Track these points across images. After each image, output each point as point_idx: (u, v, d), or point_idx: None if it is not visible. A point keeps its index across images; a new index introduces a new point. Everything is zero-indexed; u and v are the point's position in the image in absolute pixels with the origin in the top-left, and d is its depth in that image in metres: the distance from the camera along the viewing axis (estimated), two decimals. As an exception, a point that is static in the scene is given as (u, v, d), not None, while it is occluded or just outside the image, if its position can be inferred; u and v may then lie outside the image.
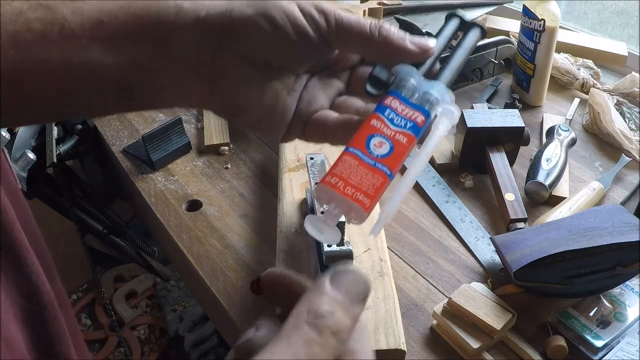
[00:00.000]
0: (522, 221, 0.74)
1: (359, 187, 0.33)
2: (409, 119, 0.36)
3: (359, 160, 0.34)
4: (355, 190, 0.34)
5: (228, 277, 0.70)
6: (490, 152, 0.82)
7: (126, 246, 1.14)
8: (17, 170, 0.89)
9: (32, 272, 0.35)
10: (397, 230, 0.76)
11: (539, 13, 0.92)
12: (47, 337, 0.36)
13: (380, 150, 0.35)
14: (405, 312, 0.64)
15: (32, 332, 0.35)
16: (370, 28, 0.37)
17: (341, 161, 0.34)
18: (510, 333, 0.61)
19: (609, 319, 0.61)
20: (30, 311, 0.35)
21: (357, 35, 0.37)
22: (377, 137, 0.35)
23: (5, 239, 0.33)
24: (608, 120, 0.90)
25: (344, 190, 0.34)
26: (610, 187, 0.80)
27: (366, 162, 0.34)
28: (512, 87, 1.05)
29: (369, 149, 0.35)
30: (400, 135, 0.35)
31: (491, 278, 0.69)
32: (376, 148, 0.35)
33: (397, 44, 0.38)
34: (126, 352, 1.47)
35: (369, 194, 0.34)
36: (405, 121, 0.36)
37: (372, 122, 0.36)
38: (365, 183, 0.34)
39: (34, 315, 0.35)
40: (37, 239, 0.39)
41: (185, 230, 0.77)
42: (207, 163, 0.90)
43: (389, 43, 0.37)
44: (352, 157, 0.34)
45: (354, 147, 0.35)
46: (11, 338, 0.31)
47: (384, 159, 0.34)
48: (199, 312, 1.54)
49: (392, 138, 0.35)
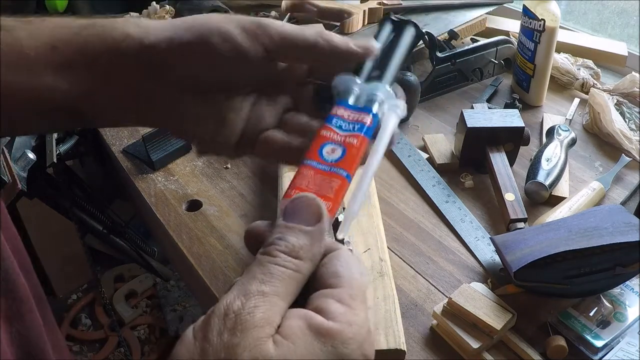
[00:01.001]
0: (522, 221, 0.74)
1: (318, 193, 0.35)
2: (356, 122, 0.38)
3: (314, 170, 0.36)
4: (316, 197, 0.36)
5: (228, 277, 0.70)
6: (490, 152, 0.82)
7: (126, 246, 1.14)
8: (17, 170, 0.89)
9: (8, 267, 0.36)
10: (397, 230, 0.76)
11: (539, 13, 0.92)
12: (23, 331, 0.36)
13: (333, 155, 0.36)
14: (405, 312, 0.64)
15: (10, 328, 0.35)
16: (314, 36, 0.38)
17: (299, 174, 0.36)
18: (510, 333, 0.61)
19: (609, 319, 0.61)
20: (7, 307, 0.35)
21: (301, 46, 0.38)
22: (328, 144, 0.37)
23: None
24: (608, 120, 0.90)
25: None
26: (610, 187, 0.80)
27: (321, 169, 0.36)
28: (512, 87, 1.05)
29: (322, 157, 0.36)
30: (350, 138, 0.37)
31: (491, 278, 0.69)
32: (329, 154, 0.36)
33: (341, 48, 0.38)
34: (126, 352, 1.47)
35: (329, 197, 0.35)
36: (353, 124, 0.37)
37: (322, 132, 0.37)
38: (324, 188, 0.35)
39: (11, 311, 0.36)
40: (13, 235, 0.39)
41: (185, 230, 0.77)
42: (207, 163, 0.90)
43: (334, 48, 0.38)
44: (308, 168, 0.36)
45: (308, 158, 0.36)
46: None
47: (337, 162, 0.36)
48: (199, 312, 1.54)
49: (343, 142, 0.37)
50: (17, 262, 0.37)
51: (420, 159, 0.87)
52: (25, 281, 0.37)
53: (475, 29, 1.14)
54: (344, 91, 0.39)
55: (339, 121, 0.38)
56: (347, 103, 0.38)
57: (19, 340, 0.36)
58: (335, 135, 0.37)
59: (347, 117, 0.38)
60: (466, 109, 0.86)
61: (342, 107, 0.38)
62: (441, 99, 1.03)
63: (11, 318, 0.35)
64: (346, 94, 0.39)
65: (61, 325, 1.61)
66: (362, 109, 0.38)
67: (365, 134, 0.37)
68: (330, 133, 0.37)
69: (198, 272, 0.71)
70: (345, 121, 0.37)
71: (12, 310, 0.36)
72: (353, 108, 0.38)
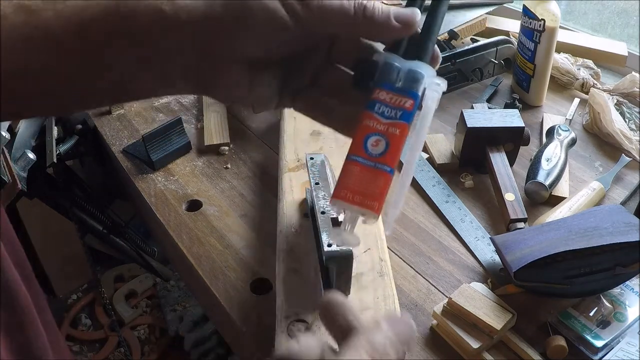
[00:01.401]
0: (522, 221, 0.74)
1: (365, 192, 0.36)
2: (399, 107, 0.37)
3: (360, 167, 0.37)
4: (363, 197, 0.37)
5: (228, 277, 0.70)
6: (490, 152, 0.82)
7: (126, 246, 1.14)
8: (17, 170, 0.89)
9: (8, 279, 0.35)
10: (397, 230, 0.76)
11: (539, 13, 0.92)
12: (25, 343, 0.36)
13: (377, 148, 0.37)
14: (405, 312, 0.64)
15: (11, 340, 0.35)
16: (354, 10, 0.37)
17: (345, 172, 0.37)
18: (510, 333, 0.61)
19: (609, 319, 0.61)
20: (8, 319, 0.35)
21: (341, 20, 0.37)
22: (372, 136, 0.37)
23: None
24: (608, 120, 0.90)
25: (352, 199, 0.37)
26: (610, 187, 0.80)
27: (367, 165, 0.37)
28: (512, 87, 1.05)
29: (367, 151, 0.37)
30: (392, 127, 0.37)
31: (491, 278, 0.69)
32: (373, 148, 0.37)
33: (381, 23, 0.37)
34: (126, 352, 1.47)
35: (375, 196, 0.36)
36: (396, 110, 0.37)
37: (365, 122, 0.37)
38: (371, 188, 0.37)
39: (12, 323, 0.35)
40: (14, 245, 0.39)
41: (185, 230, 0.77)
42: (207, 163, 0.90)
43: (374, 23, 0.37)
44: (354, 165, 0.37)
45: (354, 154, 0.37)
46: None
47: (382, 157, 0.37)
48: (199, 312, 1.54)
49: (386, 132, 0.37)
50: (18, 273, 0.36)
51: (420, 158, 0.87)
52: (27, 290, 0.37)
53: (475, 29, 1.14)
54: (386, 71, 0.38)
55: (381, 107, 0.37)
56: (388, 84, 0.38)
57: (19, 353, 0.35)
58: (378, 125, 0.37)
59: (390, 100, 0.37)
60: (466, 109, 0.86)
61: (384, 91, 0.37)
62: (441, 99, 1.03)
63: (12, 331, 0.35)
64: (388, 73, 0.38)
65: (61, 325, 1.61)
66: (405, 91, 0.37)
67: (407, 121, 0.37)
68: (373, 122, 0.37)
69: (198, 272, 0.71)
70: (388, 106, 0.37)
71: (12, 323, 0.35)
72: (395, 90, 0.37)
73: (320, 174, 0.65)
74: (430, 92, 0.38)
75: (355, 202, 0.37)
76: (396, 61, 0.38)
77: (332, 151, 0.81)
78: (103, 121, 1.00)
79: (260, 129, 0.97)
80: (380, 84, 0.38)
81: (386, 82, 0.38)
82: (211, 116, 0.97)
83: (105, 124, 1.00)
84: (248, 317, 0.65)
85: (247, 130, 0.97)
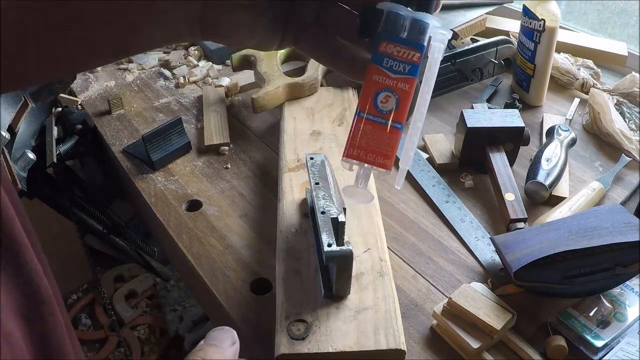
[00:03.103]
0: (522, 221, 0.74)
1: (377, 150, 0.37)
2: (407, 61, 0.37)
3: (372, 125, 0.37)
4: (376, 155, 0.37)
5: (228, 277, 0.70)
6: (490, 152, 0.82)
7: (126, 246, 1.14)
8: (17, 170, 0.89)
9: (32, 269, 0.35)
10: (397, 230, 0.76)
11: (539, 13, 0.92)
12: (45, 333, 0.36)
13: (387, 105, 0.37)
14: (405, 312, 0.64)
15: (31, 329, 0.35)
16: None
17: (356, 129, 0.37)
18: (510, 333, 0.61)
19: (609, 319, 0.61)
20: (29, 308, 0.35)
21: None
22: (382, 92, 0.37)
23: (6, 238, 0.33)
24: (608, 120, 0.90)
25: (365, 158, 0.37)
26: (610, 187, 0.80)
27: (379, 123, 0.37)
28: (512, 87, 1.05)
29: (377, 108, 0.37)
30: (401, 82, 0.37)
31: (491, 278, 0.69)
32: (383, 105, 0.37)
33: None
34: (126, 352, 1.47)
35: (388, 154, 0.37)
36: (404, 65, 0.37)
37: (374, 77, 0.37)
38: (383, 145, 0.37)
39: (33, 313, 0.35)
40: (32, 236, 0.39)
41: (185, 230, 0.77)
42: (207, 163, 0.90)
43: None
44: (366, 123, 0.37)
45: (364, 110, 0.37)
46: (11, 335, 0.32)
47: (392, 114, 0.37)
48: (199, 312, 1.54)
49: (395, 88, 0.37)
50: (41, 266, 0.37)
51: (420, 158, 0.87)
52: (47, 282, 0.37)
53: (475, 29, 1.14)
54: (392, 20, 0.37)
55: (389, 61, 0.37)
56: (394, 37, 0.37)
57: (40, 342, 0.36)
58: (387, 80, 0.37)
59: (397, 54, 0.37)
60: (466, 109, 0.86)
61: (392, 44, 0.37)
62: (441, 99, 1.03)
63: (32, 320, 0.35)
64: (393, 23, 0.37)
65: (61, 325, 1.61)
66: (412, 42, 0.37)
67: (414, 75, 0.37)
68: (382, 78, 0.37)
69: (198, 272, 0.71)
70: (396, 60, 0.37)
71: (34, 312, 0.36)
72: (401, 42, 0.37)
73: (320, 174, 0.65)
74: (436, 42, 0.38)
75: (368, 161, 0.37)
76: (401, 10, 0.38)
77: (332, 151, 0.81)
78: (103, 121, 1.01)
79: (260, 129, 0.97)
80: (386, 36, 0.37)
81: (392, 34, 0.37)
82: (211, 116, 0.97)
83: (105, 123, 1.00)
84: (248, 317, 0.65)
85: (247, 130, 0.97)
